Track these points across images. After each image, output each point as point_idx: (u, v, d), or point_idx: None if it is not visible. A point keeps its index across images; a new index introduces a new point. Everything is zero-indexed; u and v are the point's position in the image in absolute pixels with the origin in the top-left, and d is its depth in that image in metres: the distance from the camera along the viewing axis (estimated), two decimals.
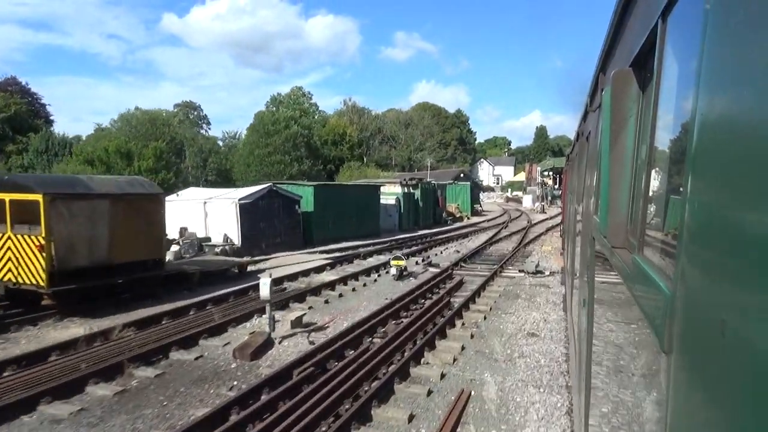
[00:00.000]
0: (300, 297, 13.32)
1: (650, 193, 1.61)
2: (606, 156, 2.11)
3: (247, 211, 20.47)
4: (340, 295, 14.01)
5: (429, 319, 10.90)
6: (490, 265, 18.63)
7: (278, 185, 24.08)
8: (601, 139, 2.36)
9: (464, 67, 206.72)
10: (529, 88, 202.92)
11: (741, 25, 0.74)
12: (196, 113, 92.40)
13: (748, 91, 0.71)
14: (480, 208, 51.01)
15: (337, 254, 21.10)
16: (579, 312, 4.47)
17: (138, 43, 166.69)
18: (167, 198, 16.03)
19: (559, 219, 37.55)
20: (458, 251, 22.51)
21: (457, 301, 12.75)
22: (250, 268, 17.26)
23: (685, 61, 1.18)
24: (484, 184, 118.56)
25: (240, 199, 20.62)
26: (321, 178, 63.17)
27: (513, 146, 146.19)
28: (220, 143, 76.37)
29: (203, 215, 20.97)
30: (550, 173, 65.29)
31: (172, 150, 63.54)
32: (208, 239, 20.18)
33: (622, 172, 2.01)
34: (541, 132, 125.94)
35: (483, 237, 28.68)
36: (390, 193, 32.88)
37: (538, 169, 65.06)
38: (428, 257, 20.53)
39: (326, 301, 13.24)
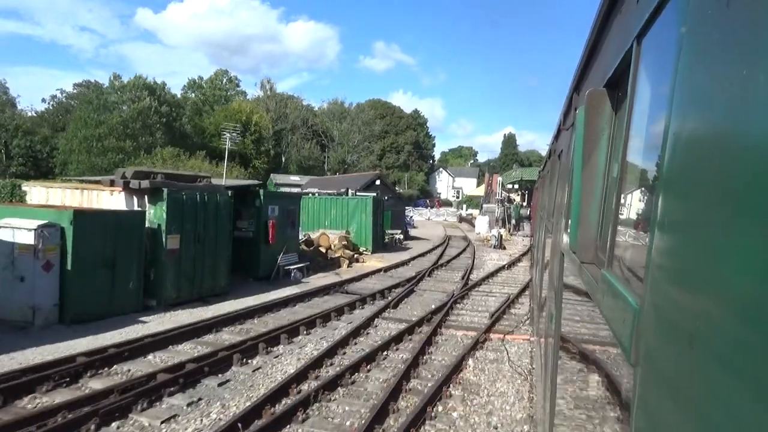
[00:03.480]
0: None
1: (620, 211, 1.61)
2: (578, 173, 2.14)
3: None
4: None
5: None
6: None
7: None
8: (573, 156, 2.38)
9: (441, 80, 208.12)
10: (504, 104, 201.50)
11: (714, 49, 0.76)
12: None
13: (719, 113, 0.73)
14: (399, 238, 31.22)
15: None
16: (546, 327, 4.40)
17: (111, 38, 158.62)
18: None
19: (528, 273, 18.74)
20: None
21: None
22: None
23: (658, 83, 1.21)
24: (442, 197, 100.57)
25: None
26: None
27: (481, 159, 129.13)
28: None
29: None
30: (517, 187, 46.63)
31: None
32: None
33: (593, 190, 2.04)
34: (509, 140, 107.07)
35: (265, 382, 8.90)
36: (33, 212, 10.56)
37: (500, 180, 46.06)
38: None
39: None
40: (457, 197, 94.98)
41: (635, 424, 0.98)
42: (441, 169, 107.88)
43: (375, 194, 27.84)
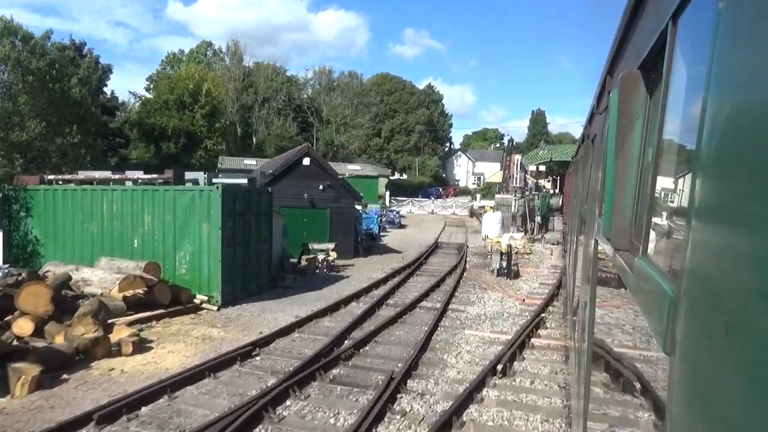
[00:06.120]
0: None
1: (656, 197, 1.56)
2: (612, 158, 2.07)
3: None
4: None
5: None
6: None
7: None
8: (607, 141, 2.31)
9: (472, 66, 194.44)
10: (536, 88, 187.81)
11: (753, 28, 0.73)
12: None
13: (758, 95, 0.70)
14: (327, 261, 17.78)
15: None
16: (580, 315, 4.30)
17: (145, 32, 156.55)
18: None
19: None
20: None
21: None
22: None
23: (695, 64, 1.15)
24: (461, 184, 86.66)
25: None
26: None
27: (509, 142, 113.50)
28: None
29: None
30: (543, 169, 33.00)
31: None
32: None
33: (628, 175, 1.97)
34: (538, 118, 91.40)
35: None
36: None
37: (518, 159, 32.34)
38: None
39: None
40: (478, 184, 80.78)
41: (671, 416, 0.96)
42: (459, 153, 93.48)
43: (245, 180, 14.25)
